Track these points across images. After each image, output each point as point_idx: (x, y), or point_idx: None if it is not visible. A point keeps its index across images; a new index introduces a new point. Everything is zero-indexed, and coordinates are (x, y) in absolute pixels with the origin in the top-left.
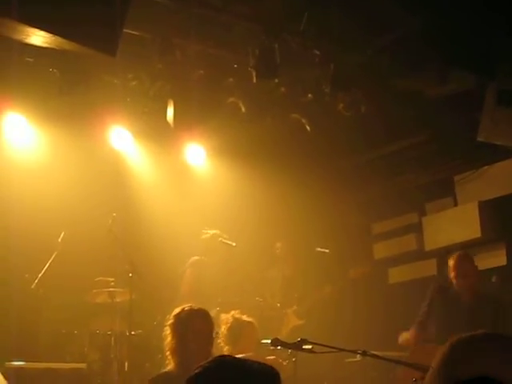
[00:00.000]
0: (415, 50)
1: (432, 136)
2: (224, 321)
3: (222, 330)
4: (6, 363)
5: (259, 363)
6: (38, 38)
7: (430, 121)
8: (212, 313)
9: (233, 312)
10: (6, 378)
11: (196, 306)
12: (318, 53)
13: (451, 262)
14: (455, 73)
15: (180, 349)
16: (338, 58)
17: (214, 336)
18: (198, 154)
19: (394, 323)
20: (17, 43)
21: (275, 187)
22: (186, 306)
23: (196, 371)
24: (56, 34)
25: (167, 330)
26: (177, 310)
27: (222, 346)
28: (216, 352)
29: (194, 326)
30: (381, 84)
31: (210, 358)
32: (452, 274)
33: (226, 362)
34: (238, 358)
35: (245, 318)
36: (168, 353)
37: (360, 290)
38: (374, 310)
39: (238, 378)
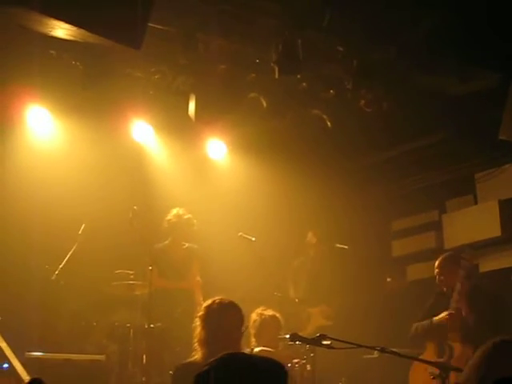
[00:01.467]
0: (437, 48)
1: (453, 134)
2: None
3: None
4: (26, 353)
5: (268, 360)
6: (62, 30)
7: (452, 118)
8: None
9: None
10: (25, 368)
11: (227, 298)
12: (341, 49)
13: (436, 262)
14: (477, 71)
15: (209, 340)
16: (361, 55)
17: (243, 330)
18: (218, 149)
19: (411, 321)
20: (40, 36)
21: (295, 183)
22: (217, 298)
23: (204, 368)
24: (81, 27)
25: (197, 321)
26: (208, 302)
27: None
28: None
29: (226, 318)
30: (403, 81)
31: (221, 355)
32: (435, 271)
33: (233, 359)
34: (247, 354)
35: (267, 312)
36: (196, 344)
37: (376, 288)
38: (392, 308)
39: (244, 374)
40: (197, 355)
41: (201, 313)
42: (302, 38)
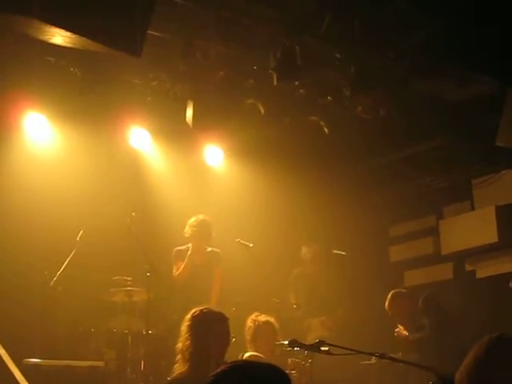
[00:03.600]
0: (436, 53)
1: (451, 139)
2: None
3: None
4: (24, 360)
5: (271, 367)
6: (62, 38)
7: (449, 124)
8: (228, 313)
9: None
10: (24, 375)
11: (214, 308)
12: (338, 55)
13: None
14: (475, 77)
15: (197, 351)
16: (359, 61)
17: (230, 340)
18: (216, 155)
19: None
20: (38, 43)
21: (292, 189)
22: (205, 308)
23: (212, 378)
24: (81, 35)
25: (184, 331)
26: (195, 312)
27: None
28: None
29: (215, 328)
30: (400, 87)
31: (224, 365)
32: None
33: (238, 368)
34: (251, 362)
35: (261, 318)
36: (181, 355)
37: (374, 294)
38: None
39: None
40: (182, 367)
41: (187, 323)
42: (300, 45)
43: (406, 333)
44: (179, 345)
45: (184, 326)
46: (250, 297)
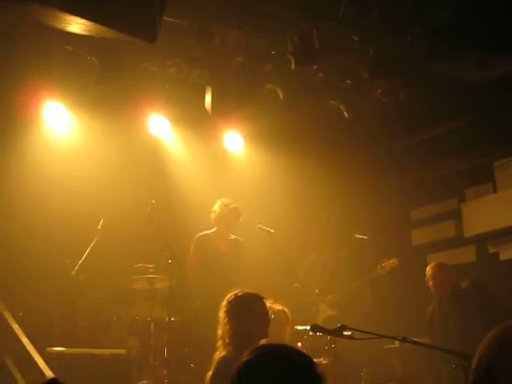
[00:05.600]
0: (454, 34)
1: (472, 121)
2: None
3: None
4: (47, 348)
5: (300, 352)
6: (78, 26)
7: (470, 106)
8: None
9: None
10: (47, 363)
11: (250, 289)
12: (356, 39)
13: (429, 272)
14: (494, 58)
15: (238, 333)
16: (378, 44)
17: (269, 318)
18: (235, 141)
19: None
20: (56, 32)
21: (313, 174)
22: (239, 291)
23: (245, 359)
24: (96, 22)
25: (222, 316)
26: (230, 296)
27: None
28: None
29: (253, 309)
30: (420, 69)
31: (256, 346)
32: (430, 283)
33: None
34: (280, 345)
35: (276, 306)
36: (221, 341)
37: (397, 277)
38: (413, 296)
39: (279, 367)
40: (224, 350)
41: (224, 308)
42: (317, 29)
43: None
44: (219, 331)
45: (221, 312)
46: (271, 283)
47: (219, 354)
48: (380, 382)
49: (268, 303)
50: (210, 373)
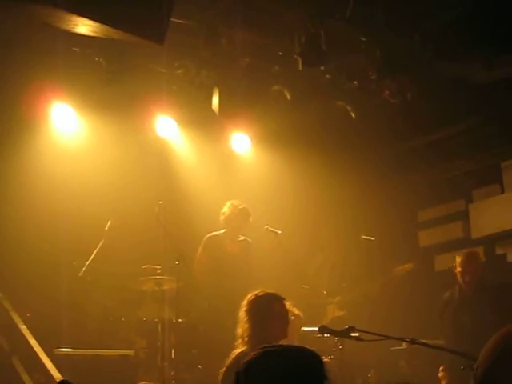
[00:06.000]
0: (462, 35)
1: (479, 122)
2: None
3: None
4: (55, 350)
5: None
6: (85, 27)
7: (477, 107)
8: None
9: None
10: (55, 364)
11: (270, 290)
12: (364, 39)
13: (459, 259)
14: (502, 58)
15: (257, 332)
16: (385, 45)
17: (289, 319)
18: (242, 142)
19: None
20: (63, 33)
21: (320, 175)
22: (259, 291)
23: (247, 359)
24: (104, 23)
25: (242, 315)
26: (251, 296)
27: None
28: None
29: (273, 310)
30: (427, 70)
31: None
32: (459, 270)
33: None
34: (283, 346)
35: (295, 310)
36: (240, 339)
37: (405, 278)
38: (420, 298)
39: (282, 367)
40: (244, 347)
41: (244, 308)
42: (324, 30)
43: None
44: (238, 330)
45: (241, 312)
46: (278, 284)
47: (236, 351)
48: (387, 383)
49: (287, 305)
50: (224, 368)
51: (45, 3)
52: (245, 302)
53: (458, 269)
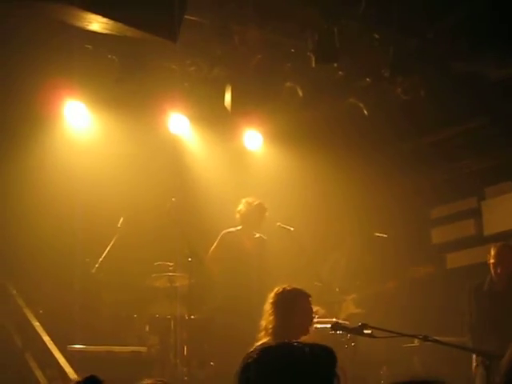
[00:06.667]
0: (475, 33)
1: (492, 119)
2: None
3: None
4: (68, 346)
5: (318, 346)
6: (99, 24)
7: (490, 104)
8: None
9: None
10: (68, 360)
11: (297, 285)
12: (377, 37)
13: (493, 251)
14: None
15: (280, 326)
16: (398, 42)
17: (313, 317)
18: (254, 139)
19: (451, 308)
20: (77, 30)
21: (333, 172)
22: (287, 286)
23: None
24: (118, 21)
25: (268, 308)
26: (279, 289)
27: None
28: None
29: (299, 305)
30: (440, 67)
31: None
32: (492, 261)
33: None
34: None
35: (320, 311)
36: (264, 331)
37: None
38: (432, 295)
39: (288, 363)
40: (266, 338)
41: (272, 299)
42: (338, 27)
43: None
44: (262, 322)
45: (267, 304)
46: (291, 281)
47: (259, 342)
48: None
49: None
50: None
51: (60, 1)
52: (272, 294)
53: (491, 260)
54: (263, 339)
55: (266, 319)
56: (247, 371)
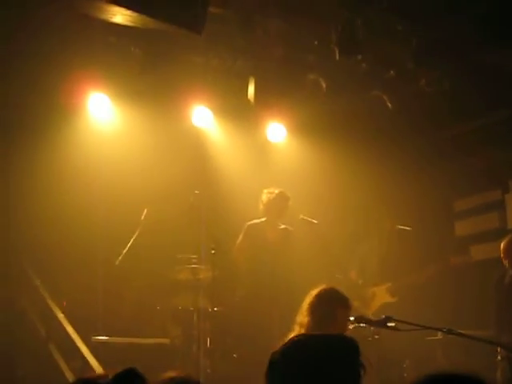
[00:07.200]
0: (500, 23)
1: None
2: None
3: None
4: (92, 338)
5: (341, 337)
6: (123, 17)
7: None
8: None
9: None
10: (92, 352)
11: (339, 291)
12: (400, 28)
13: (503, 247)
14: None
15: (314, 328)
16: (421, 33)
17: (348, 327)
18: (278, 132)
19: (475, 301)
20: (100, 23)
21: (356, 165)
22: (330, 289)
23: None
24: (141, 13)
25: (305, 307)
26: (321, 291)
27: None
28: None
29: (336, 316)
30: (464, 59)
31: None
32: (505, 262)
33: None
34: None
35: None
36: (298, 327)
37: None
38: (456, 288)
39: (316, 353)
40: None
41: (310, 300)
42: (361, 18)
43: None
44: (299, 317)
45: (305, 303)
46: (314, 273)
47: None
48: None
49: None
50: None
51: None
52: (313, 293)
53: (504, 261)
54: (296, 332)
55: (302, 317)
56: (274, 363)
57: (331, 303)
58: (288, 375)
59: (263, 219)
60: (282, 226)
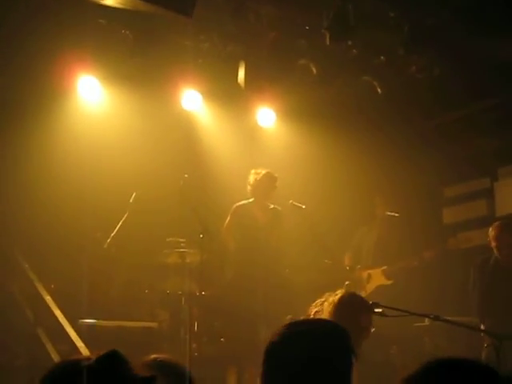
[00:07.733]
0: (490, 11)
1: (505, 100)
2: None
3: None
4: (79, 321)
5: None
6: None
7: (505, 84)
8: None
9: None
10: (79, 335)
11: (360, 295)
12: (392, 15)
13: (492, 233)
14: None
15: None
16: (413, 20)
17: (370, 333)
18: (268, 116)
19: (460, 288)
20: (90, 5)
21: (345, 150)
22: (354, 294)
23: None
24: None
25: (327, 309)
26: (344, 295)
27: None
28: None
29: (359, 323)
30: (455, 47)
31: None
32: (493, 244)
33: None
34: (309, 320)
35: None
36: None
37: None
38: (441, 275)
39: (305, 339)
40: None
41: (335, 301)
42: (353, 4)
43: None
44: (313, 309)
45: (327, 305)
46: (302, 259)
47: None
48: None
49: None
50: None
51: None
52: (336, 298)
53: (492, 244)
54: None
55: (319, 314)
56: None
57: (354, 313)
58: (284, 364)
59: (251, 200)
60: (272, 206)
